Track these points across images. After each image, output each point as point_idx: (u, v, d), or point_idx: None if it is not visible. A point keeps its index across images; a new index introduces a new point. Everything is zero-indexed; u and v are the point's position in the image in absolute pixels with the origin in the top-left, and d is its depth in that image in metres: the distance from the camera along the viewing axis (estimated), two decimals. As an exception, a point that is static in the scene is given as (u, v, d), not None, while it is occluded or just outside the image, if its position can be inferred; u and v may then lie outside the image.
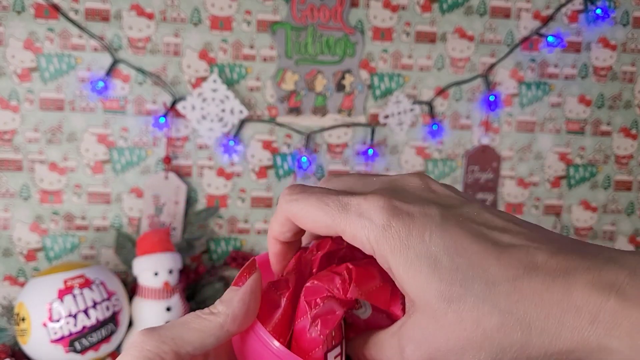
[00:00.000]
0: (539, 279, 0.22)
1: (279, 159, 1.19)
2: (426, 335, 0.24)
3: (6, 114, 1.10)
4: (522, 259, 0.22)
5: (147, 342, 0.24)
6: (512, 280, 0.22)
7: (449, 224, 0.24)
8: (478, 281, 0.22)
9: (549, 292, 0.21)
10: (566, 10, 1.20)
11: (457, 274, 0.23)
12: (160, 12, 1.12)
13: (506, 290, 0.22)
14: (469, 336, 0.22)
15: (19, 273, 1.14)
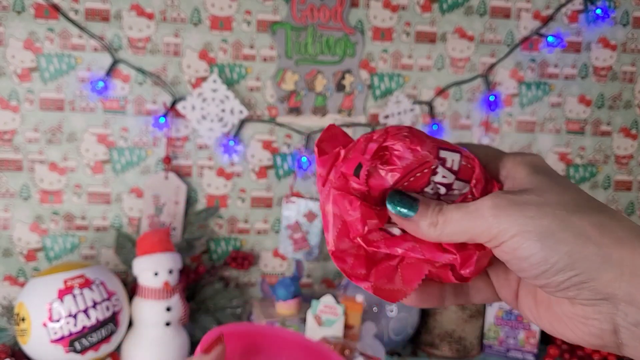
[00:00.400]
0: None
1: (279, 159, 1.19)
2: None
3: (6, 114, 1.10)
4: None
5: None
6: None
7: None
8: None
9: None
10: (566, 10, 1.20)
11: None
12: (160, 12, 1.12)
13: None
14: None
15: (19, 273, 1.14)
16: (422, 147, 0.30)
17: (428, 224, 0.30)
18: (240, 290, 1.20)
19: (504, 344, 1.11)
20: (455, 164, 0.31)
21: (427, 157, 0.30)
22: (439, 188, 0.31)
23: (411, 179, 0.31)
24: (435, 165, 0.30)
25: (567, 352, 1.06)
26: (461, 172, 0.31)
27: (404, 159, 0.30)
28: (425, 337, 1.12)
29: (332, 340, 0.92)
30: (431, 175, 0.31)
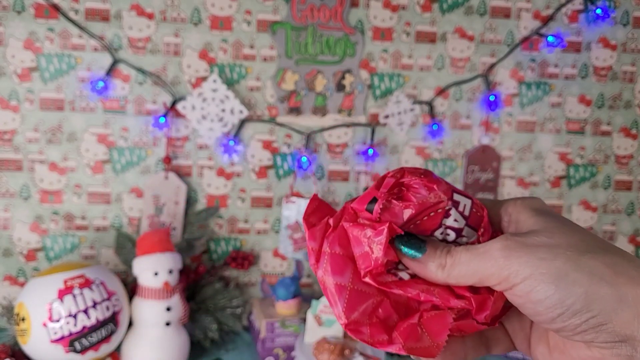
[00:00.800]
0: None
1: (279, 159, 1.19)
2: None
3: (6, 114, 1.10)
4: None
5: None
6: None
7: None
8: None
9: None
10: (566, 10, 1.20)
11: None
12: (160, 12, 1.12)
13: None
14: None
15: (19, 273, 1.14)
16: (438, 187, 0.31)
17: (436, 265, 0.30)
18: (240, 290, 1.20)
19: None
20: (467, 209, 0.31)
21: (442, 197, 0.30)
22: (448, 234, 0.31)
23: (424, 218, 0.31)
24: (449, 207, 0.31)
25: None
26: (471, 218, 0.31)
27: (420, 195, 0.30)
28: (425, 337, 1.11)
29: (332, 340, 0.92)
30: (443, 218, 0.31)
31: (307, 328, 0.98)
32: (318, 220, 0.32)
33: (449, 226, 0.31)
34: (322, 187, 1.20)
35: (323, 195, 1.20)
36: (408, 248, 0.30)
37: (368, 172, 1.21)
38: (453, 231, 0.31)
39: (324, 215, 0.33)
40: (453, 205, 0.31)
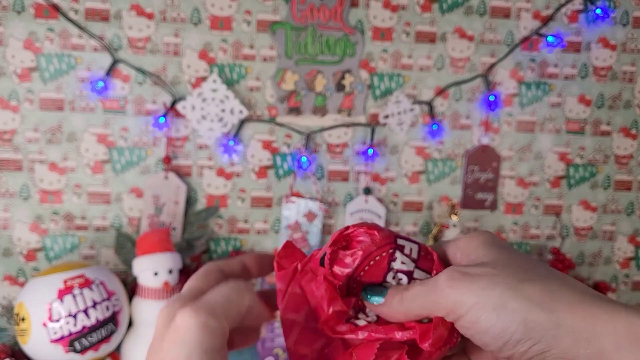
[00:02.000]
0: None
1: (279, 159, 1.19)
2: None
3: (6, 114, 1.10)
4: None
5: (216, 327, 0.30)
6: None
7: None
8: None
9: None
10: (566, 10, 1.20)
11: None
12: (160, 12, 1.12)
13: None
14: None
15: (19, 273, 1.14)
16: (379, 232, 0.33)
17: (397, 300, 0.31)
18: (240, 290, 1.19)
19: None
20: (413, 252, 0.33)
21: (385, 240, 0.32)
22: (400, 278, 0.32)
23: (371, 263, 0.32)
24: (393, 250, 0.32)
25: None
26: (421, 261, 0.33)
27: (363, 242, 0.32)
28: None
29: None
30: (390, 261, 0.32)
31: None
32: (289, 264, 0.35)
33: (398, 270, 0.32)
34: (322, 187, 1.20)
35: (323, 195, 1.20)
36: (371, 295, 0.32)
37: (368, 172, 1.21)
38: (404, 274, 0.32)
39: (295, 260, 0.35)
40: (397, 248, 0.32)
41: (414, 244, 0.33)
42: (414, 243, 0.33)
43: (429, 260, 0.33)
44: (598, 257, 1.30)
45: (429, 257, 0.33)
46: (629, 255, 1.31)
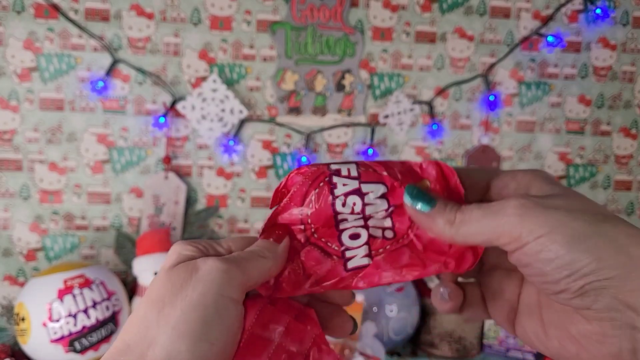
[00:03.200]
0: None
1: (279, 159, 1.19)
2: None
3: (6, 114, 1.10)
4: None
5: (234, 272, 0.28)
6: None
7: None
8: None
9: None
10: (566, 10, 1.20)
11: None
12: (160, 12, 1.12)
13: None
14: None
15: (19, 273, 1.14)
16: (310, 167, 0.31)
17: (444, 221, 0.29)
18: (240, 290, 1.19)
19: (504, 344, 1.11)
20: (352, 171, 0.31)
21: (317, 171, 0.31)
22: (354, 202, 0.31)
23: (313, 198, 0.31)
24: (329, 177, 0.31)
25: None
26: (363, 176, 0.31)
27: (295, 183, 0.31)
28: (425, 337, 1.12)
29: (332, 340, 0.92)
30: (332, 189, 0.31)
31: (307, 328, 0.98)
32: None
33: (344, 193, 0.31)
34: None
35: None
36: (418, 200, 0.30)
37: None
38: (354, 195, 0.31)
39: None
40: (333, 174, 0.31)
41: (350, 164, 0.32)
42: (350, 163, 0.32)
43: (371, 173, 0.31)
44: (598, 257, 1.30)
45: (372, 169, 0.31)
46: (629, 255, 1.31)
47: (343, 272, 0.31)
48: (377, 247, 0.31)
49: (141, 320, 0.26)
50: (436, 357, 1.10)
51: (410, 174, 0.32)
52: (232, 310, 0.27)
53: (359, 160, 0.32)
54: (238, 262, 0.28)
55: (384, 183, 0.31)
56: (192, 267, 0.27)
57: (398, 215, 0.32)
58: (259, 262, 0.29)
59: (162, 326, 0.26)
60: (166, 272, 0.28)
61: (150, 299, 0.27)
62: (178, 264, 0.28)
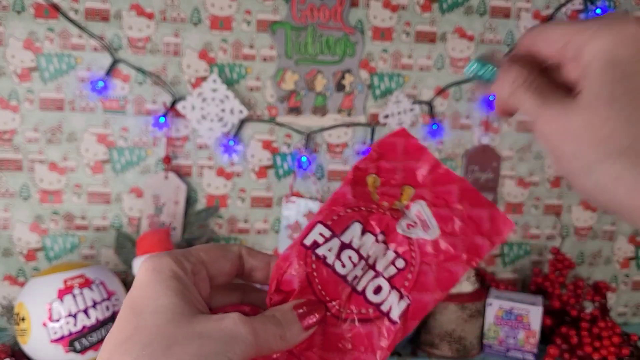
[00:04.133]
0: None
1: (279, 159, 1.19)
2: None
3: (6, 114, 1.10)
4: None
5: (251, 347, 0.28)
6: None
7: None
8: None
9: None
10: (566, 10, 1.20)
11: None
12: (160, 12, 1.12)
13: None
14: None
15: (19, 273, 1.14)
16: (288, 256, 0.32)
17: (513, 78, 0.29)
18: (240, 290, 1.19)
19: (504, 344, 1.11)
20: (324, 232, 0.32)
21: (300, 254, 0.31)
22: (351, 259, 0.32)
23: (322, 286, 0.32)
24: (313, 253, 0.32)
25: (567, 352, 1.06)
26: (335, 228, 0.32)
27: (289, 280, 0.32)
28: (425, 337, 1.12)
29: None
30: (324, 261, 0.32)
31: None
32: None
33: (336, 255, 0.32)
34: (322, 187, 1.20)
35: (323, 195, 1.20)
36: (483, 68, 0.30)
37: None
38: (345, 250, 0.32)
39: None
40: (313, 248, 0.32)
41: (315, 226, 0.32)
42: (314, 226, 0.32)
43: (340, 218, 0.32)
44: (598, 257, 1.30)
45: (334, 216, 0.32)
46: (629, 255, 1.31)
47: (392, 326, 0.31)
48: (401, 283, 0.31)
49: (145, 347, 0.26)
50: (436, 357, 1.10)
51: (360, 182, 0.32)
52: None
53: (316, 215, 0.32)
54: (259, 336, 0.28)
55: (355, 220, 0.32)
56: (218, 321, 0.27)
57: (391, 239, 0.32)
58: (275, 343, 0.29)
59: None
60: (182, 314, 0.27)
61: (158, 331, 0.26)
62: (171, 290, 0.28)
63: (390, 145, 0.33)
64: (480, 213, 0.31)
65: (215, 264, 0.32)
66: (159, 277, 0.28)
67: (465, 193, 0.32)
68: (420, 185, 0.33)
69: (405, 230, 0.32)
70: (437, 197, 0.32)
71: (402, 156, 0.33)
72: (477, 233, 0.31)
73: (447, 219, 0.32)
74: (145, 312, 0.27)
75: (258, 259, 0.34)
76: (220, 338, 0.27)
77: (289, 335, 0.30)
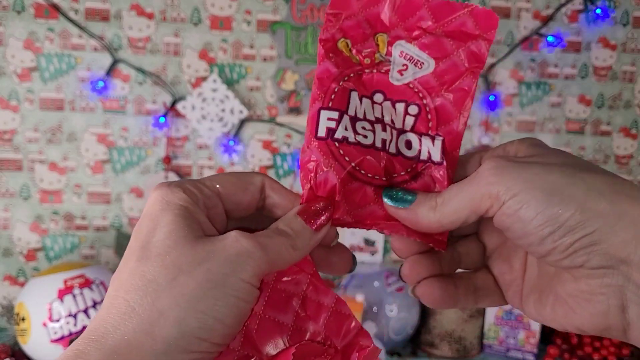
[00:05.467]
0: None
1: (279, 159, 1.19)
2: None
3: (6, 114, 1.10)
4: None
5: (262, 262, 0.26)
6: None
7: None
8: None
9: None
10: (566, 10, 1.20)
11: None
12: (160, 12, 1.12)
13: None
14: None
15: (19, 273, 1.14)
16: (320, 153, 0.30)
17: (427, 208, 0.28)
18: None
19: (504, 344, 1.11)
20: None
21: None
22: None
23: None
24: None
25: (567, 352, 1.06)
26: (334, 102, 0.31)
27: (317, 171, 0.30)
28: (425, 337, 1.12)
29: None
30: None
31: (307, 328, 0.98)
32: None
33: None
34: (322, 187, 1.20)
35: (323, 195, 1.20)
36: (395, 201, 0.29)
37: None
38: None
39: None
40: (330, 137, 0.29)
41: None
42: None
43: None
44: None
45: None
46: (629, 255, 1.31)
47: (440, 167, 0.30)
48: (426, 126, 0.31)
49: (149, 283, 0.24)
50: (436, 357, 1.10)
51: (334, 52, 0.31)
52: (251, 295, 0.26)
53: (314, 105, 0.30)
54: (268, 250, 0.26)
55: (351, 89, 0.30)
56: (221, 242, 0.26)
57: (391, 93, 0.31)
58: (287, 254, 0.27)
59: (176, 297, 0.24)
60: (185, 239, 0.25)
61: (162, 262, 0.25)
62: (178, 218, 0.26)
63: (342, 1, 0.31)
64: (461, 19, 0.30)
65: (232, 197, 0.29)
66: (166, 207, 0.26)
67: (437, 9, 0.30)
68: (390, 27, 0.31)
69: (399, 78, 0.31)
70: (412, 30, 0.31)
71: (359, 8, 0.31)
72: (467, 40, 0.30)
73: (433, 45, 0.30)
74: (150, 243, 0.25)
75: (282, 195, 0.30)
76: (226, 259, 0.25)
77: (300, 243, 0.28)
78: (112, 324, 0.24)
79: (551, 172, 0.25)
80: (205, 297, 0.24)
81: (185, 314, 0.24)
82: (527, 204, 0.25)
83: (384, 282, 1.06)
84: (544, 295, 0.29)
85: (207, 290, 0.24)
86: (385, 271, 1.09)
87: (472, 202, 0.27)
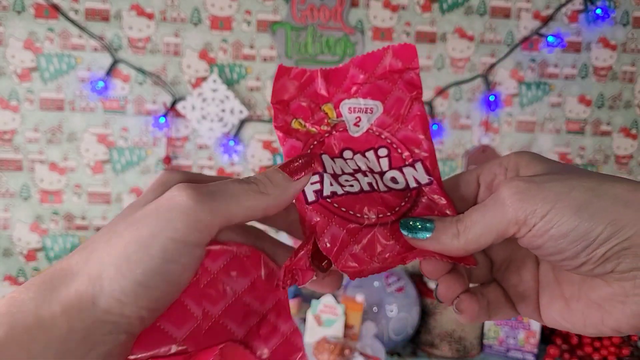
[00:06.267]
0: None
1: (279, 159, 1.19)
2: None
3: (6, 114, 1.10)
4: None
5: (200, 212, 0.24)
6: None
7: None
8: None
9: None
10: (566, 10, 1.20)
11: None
12: (160, 12, 1.12)
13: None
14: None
15: (19, 273, 1.14)
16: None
17: (450, 236, 0.28)
18: (240, 290, 1.20)
19: (504, 344, 1.11)
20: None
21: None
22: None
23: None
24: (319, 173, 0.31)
25: (567, 352, 1.06)
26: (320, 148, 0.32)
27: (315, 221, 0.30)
28: (425, 337, 1.12)
29: (332, 340, 0.92)
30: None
31: (307, 328, 0.98)
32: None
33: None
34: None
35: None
36: (414, 232, 0.29)
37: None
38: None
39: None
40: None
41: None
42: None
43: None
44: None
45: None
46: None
47: (431, 186, 0.31)
48: (401, 159, 0.32)
49: (90, 244, 0.24)
50: (436, 357, 1.10)
51: (292, 132, 0.33)
52: (184, 256, 0.24)
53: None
54: (215, 197, 0.25)
55: (321, 153, 0.31)
56: (159, 199, 0.25)
57: (355, 146, 0.32)
58: (250, 199, 0.26)
59: (107, 257, 0.23)
60: (140, 203, 0.25)
61: (110, 225, 0.25)
62: (156, 186, 0.26)
63: (281, 89, 0.33)
64: (385, 62, 0.33)
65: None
66: (158, 189, 0.26)
67: (362, 64, 0.33)
68: (330, 96, 0.33)
69: (357, 130, 0.33)
70: (349, 89, 0.33)
71: (297, 89, 0.33)
72: (398, 74, 0.33)
73: (373, 90, 0.33)
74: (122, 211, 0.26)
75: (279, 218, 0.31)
76: (157, 217, 0.24)
77: (272, 189, 0.27)
78: (50, 277, 0.24)
79: (573, 188, 0.26)
80: (128, 259, 0.23)
81: (116, 276, 0.23)
82: (557, 224, 0.25)
83: (384, 282, 1.06)
84: (572, 302, 0.29)
85: (132, 253, 0.23)
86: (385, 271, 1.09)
87: (498, 228, 0.27)
